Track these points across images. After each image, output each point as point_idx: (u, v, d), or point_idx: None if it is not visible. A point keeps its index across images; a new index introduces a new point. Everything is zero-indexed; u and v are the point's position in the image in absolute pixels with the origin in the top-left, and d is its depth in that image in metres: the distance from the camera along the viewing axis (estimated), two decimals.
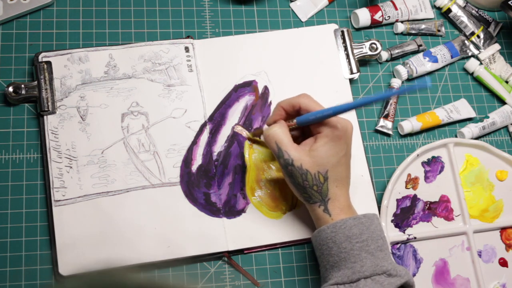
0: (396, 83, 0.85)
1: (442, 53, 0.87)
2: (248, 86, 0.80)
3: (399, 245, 0.78)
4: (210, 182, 0.75)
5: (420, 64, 0.86)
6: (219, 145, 0.77)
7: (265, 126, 0.72)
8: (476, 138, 0.86)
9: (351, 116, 0.81)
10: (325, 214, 0.67)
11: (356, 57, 0.84)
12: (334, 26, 0.85)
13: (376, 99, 0.67)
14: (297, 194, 0.69)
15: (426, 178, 0.81)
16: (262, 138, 0.77)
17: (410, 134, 0.84)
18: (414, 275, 0.77)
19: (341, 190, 0.67)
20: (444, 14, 0.92)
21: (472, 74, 0.90)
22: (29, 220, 0.71)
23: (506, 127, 0.88)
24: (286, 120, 0.71)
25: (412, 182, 0.81)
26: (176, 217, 0.73)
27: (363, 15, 0.87)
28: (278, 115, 0.70)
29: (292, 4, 0.88)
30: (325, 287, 0.64)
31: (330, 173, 0.66)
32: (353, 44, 0.84)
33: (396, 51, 0.87)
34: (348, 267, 0.64)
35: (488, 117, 0.86)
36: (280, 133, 0.68)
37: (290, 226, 0.75)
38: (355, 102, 0.67)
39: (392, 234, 0.77)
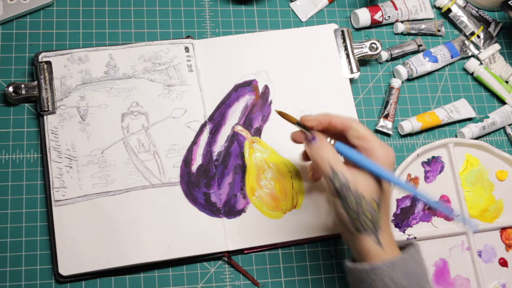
0: (396, 83, 0.85)
1: (442, 53, 0.87)
2: (248, 85, 0.80)
3: None
4: (210, 182, 0.75)
5: (420, 64, 0.86)
6: (219, 145, 0.77)
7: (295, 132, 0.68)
8: (476, 138, 0.86)
9: (352, 115, 0.81)
10: (376, 246, 0.62)
11: (356, 57, 0.84)
12: (334, 26, 0.85)
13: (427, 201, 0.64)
14: (345, 220, 0.63)
15: (426, 178, 0.81)
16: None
17: (410, 134, 0.84)
18: None
19: (388, 221, 0.63)
20: (444, 14, 0.92)
21: (472, 74, 0.90)
22: (29, 220, 0.71)
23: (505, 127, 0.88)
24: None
25: (412, 182, 0.81)
26: (176, 217, 0.73)
27: (363, 15, 0.87)
28: (319, 121, 0.65)
29: (292, 4, 0.88)
30: None
31: (381, 201, 0.62)
32: (353, 44, 0.84)
33: (396, 51, 0.87)
34: None
35: (488, 117, 0.86)
36: (334, 154, 0.62)
37: (290, 226, 0.75)
38: (410, 189, 0.63)
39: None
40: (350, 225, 0.62)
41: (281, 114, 0.68)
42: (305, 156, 0.73)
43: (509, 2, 0.86)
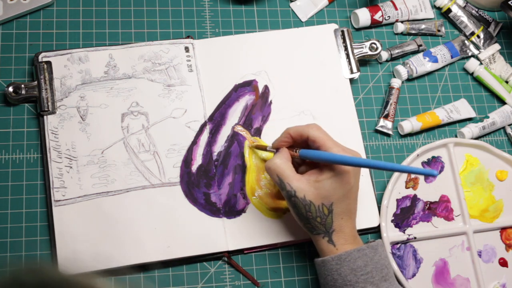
0: (396, 83, 0.85)
1: (442, 53, 0.87)
2: (248, 85, 0.80)
3: (399, 245, 0.78)
4: (210, 182, 0.75)
5: (420, 64, 0.86)
6: (219, 145, 0.77)
7: (268, 149, 0.73)
8: (476, 138, 0.85)
9: (351, 116, 0.81)
10: (329, 245, 0.66)
11: (356, 57, 0.84)
12: (334, 26, 0.85)
13: (391, 168, 0.63)
14: (300, 224, 0.68)
15: (426, 178, 0.81)
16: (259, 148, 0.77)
17: (410, 134, 0.84)
18: (414, 275, 0.77)
19: (346, 222, 0.66)
20: (444, 14, 0.92)
21: (472, 74, 0.90)
22: (29, 220, 0.71)
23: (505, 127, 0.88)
24: (290, 148, 0.70)
25: (412, 182, 0.81)
26: (176, 217, 0.73)
27: (363, 15, 0.87)
28: (284, 141, 0.70)
29: (292, 4, 0.88)
30: None
31: (335, 206, 0.65)
32: (353, 44, 0.84)
33: (396, 51, 0.87)
34: None
35: (488, 117, 0.86)
36: (281, 164, 0.66)
37: (290, 226, 0.75)
38: (367, 162, 0.65)
39: (392, 234, 0.77)
40: (304, 227, 0.68)
41: (256, 146, 0.76)
42: None
43: (509, 2, 0.86)
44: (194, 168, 0.75)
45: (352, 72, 0.83)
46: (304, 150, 0.67)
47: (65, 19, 0.80)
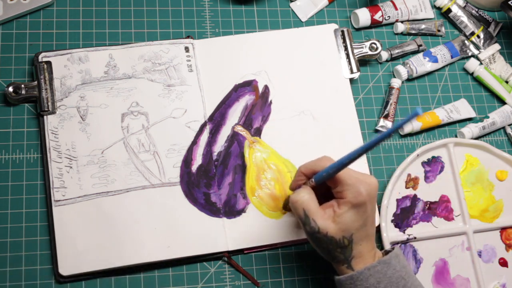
0: (396, 83, 0.85)
1: (442, 53, 0.87)
2: (248, 85, 0.80)
3: (399, 245, 0.78)
4: (210, 182, 0.75)
5: (420, 64, 0.86)
6: (219, 145, 0.77)
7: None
8: (476, 138, 0.86)
9: (351, 116, 0.81)
10: (348, 270, 0.65)
11: (356, 57, 0.84)
12: (334, 26, 0.85)
13: (383, 136, 0.59)
14: (320, 253, 0.68)
15: (426, 178, 0.81)
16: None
17: (410, 134, 0.84)
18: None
19: (365, 246, 0.65)
20: (444, 14, 0.92)
21: (472, 74, 0.90)
22: (29, 220, 0.71)
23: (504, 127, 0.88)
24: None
25: (412, 182, 0.81)
26: (176, 217, 0.73)
27: (363, 15, 0.87)
28: (300, 180, 0.68)
29: (292, 4, 0.88)
30: None
31: (354, 235, 0.64)
32: (353, 44, 0.84)
33: (396, 51, 0.87)
34: None
35: (488, 117, 0.86)
36: (309, 200, 0.65)
37: (290, 226, 0.75)
38: (365, 145, 0.61)
39: (392, 234, 0.77)
40: (324, 257, 0.67)
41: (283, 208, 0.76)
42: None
43: (509, 2, 0.86)
44: (194, 168, 0.75)
45: (352, 72, 0.83)
46: (317, 174, 0.66)
47: (65, 19, 0.80)
